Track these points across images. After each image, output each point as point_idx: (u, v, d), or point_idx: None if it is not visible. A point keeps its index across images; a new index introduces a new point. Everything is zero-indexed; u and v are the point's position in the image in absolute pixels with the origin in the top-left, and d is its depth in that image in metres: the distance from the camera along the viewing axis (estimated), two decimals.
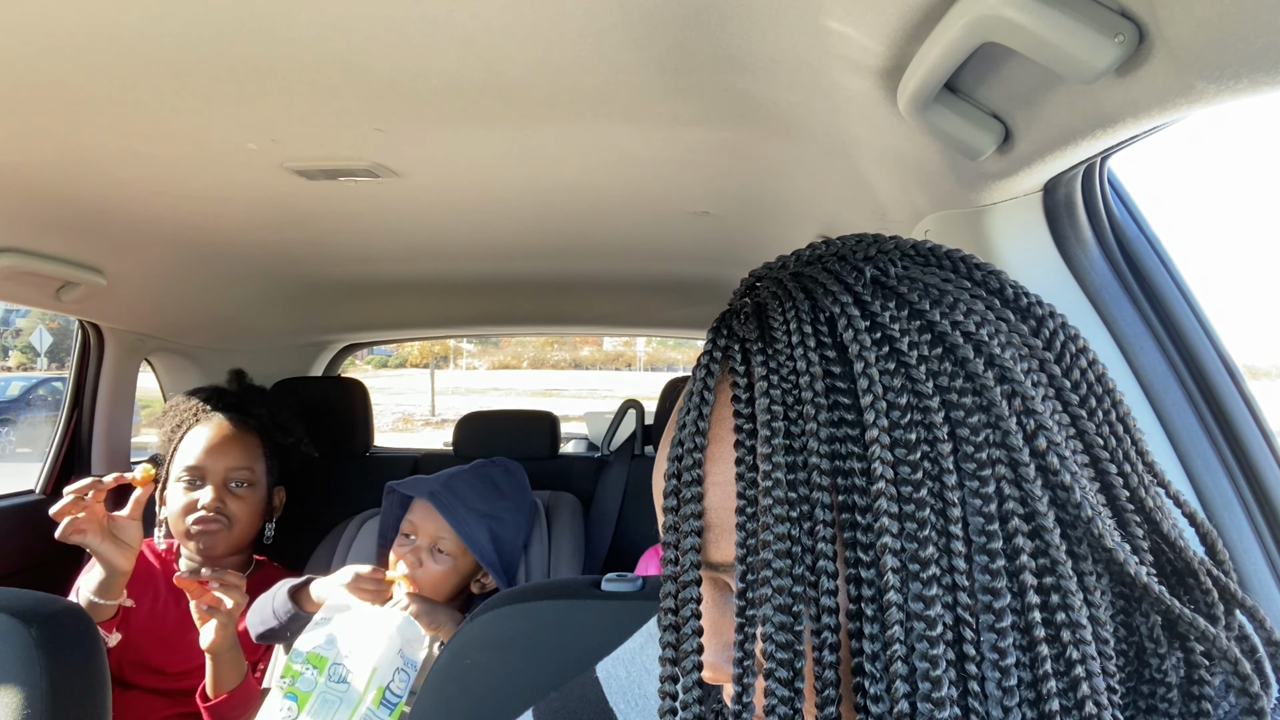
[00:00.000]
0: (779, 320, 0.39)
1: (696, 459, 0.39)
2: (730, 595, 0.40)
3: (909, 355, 0.37)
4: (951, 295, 0.39)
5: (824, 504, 0.36)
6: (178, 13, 0.67)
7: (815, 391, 0.36)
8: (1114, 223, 0.77)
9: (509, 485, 1.53)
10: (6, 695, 0.88)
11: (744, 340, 0.40)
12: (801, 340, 0.38)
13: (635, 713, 0.64)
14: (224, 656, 1.33)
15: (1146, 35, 0.46)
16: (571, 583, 0.91)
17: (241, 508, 1.53)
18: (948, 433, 0.35)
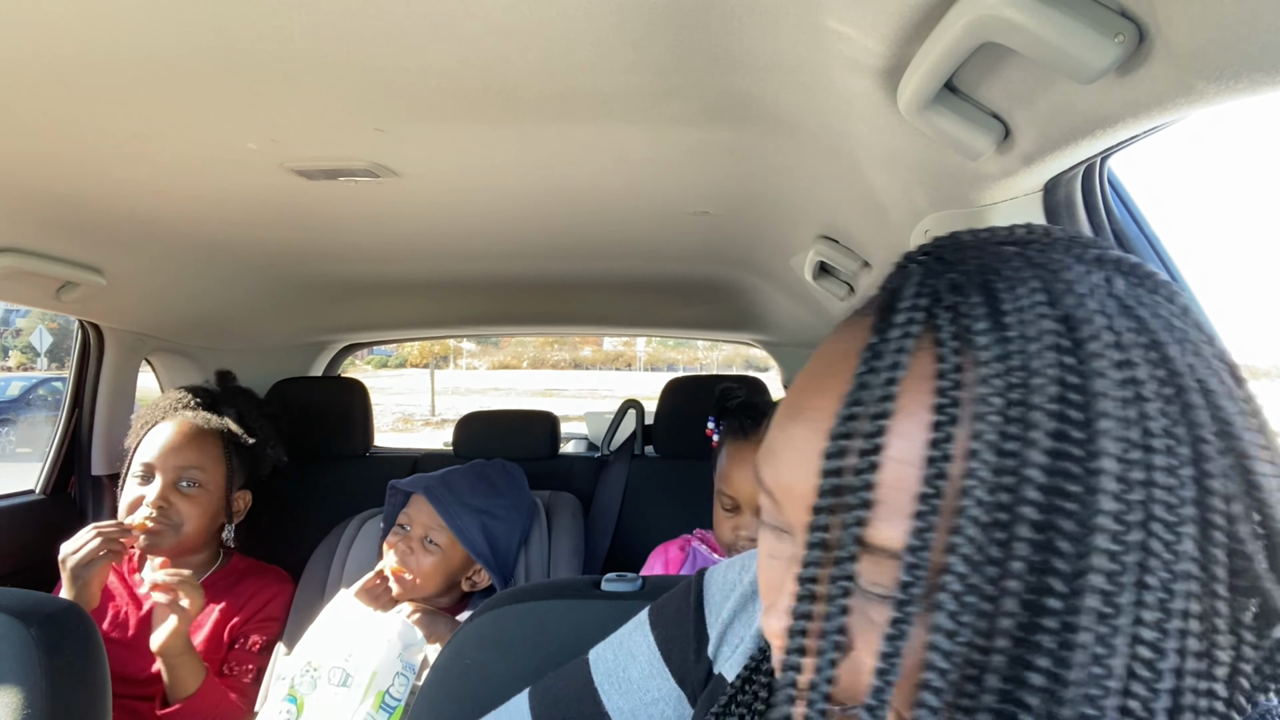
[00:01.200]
0: (1011, 305, 0.35)
1: (881, 426, 0.35)
2: None
3: (1145, 388, 0.34)
4: (1180, 333, 0.36)
5: (1029, 520, 0.33)
6: (178, 13, 0.67)
7: (1047, 396, 0.33)
8: (1114, 223, 0.77)
9: (506, 484, 1.54)
10: (6, 695, 0.88)
11: (959, 313, 0.36)
12: (1039, 336, 0.34)
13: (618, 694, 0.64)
14: (177, 660, 1.32)
15: (1146, 35, 0.46)
16: (571, 583, 0.91)
17: (190, 508, 1.48)
18: (1163, 479, 0.33)
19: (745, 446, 1.37)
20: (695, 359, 36.37)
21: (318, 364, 2.69)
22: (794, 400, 0.41)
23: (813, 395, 0.39)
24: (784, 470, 0.39)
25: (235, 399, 1.69)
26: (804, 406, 0.39)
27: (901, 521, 0.34)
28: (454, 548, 1.40)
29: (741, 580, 0.63)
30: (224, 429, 1.58)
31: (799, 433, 0.39)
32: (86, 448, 1.90)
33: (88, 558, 1.32)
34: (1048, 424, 0.33)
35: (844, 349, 0.39)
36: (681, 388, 2.18)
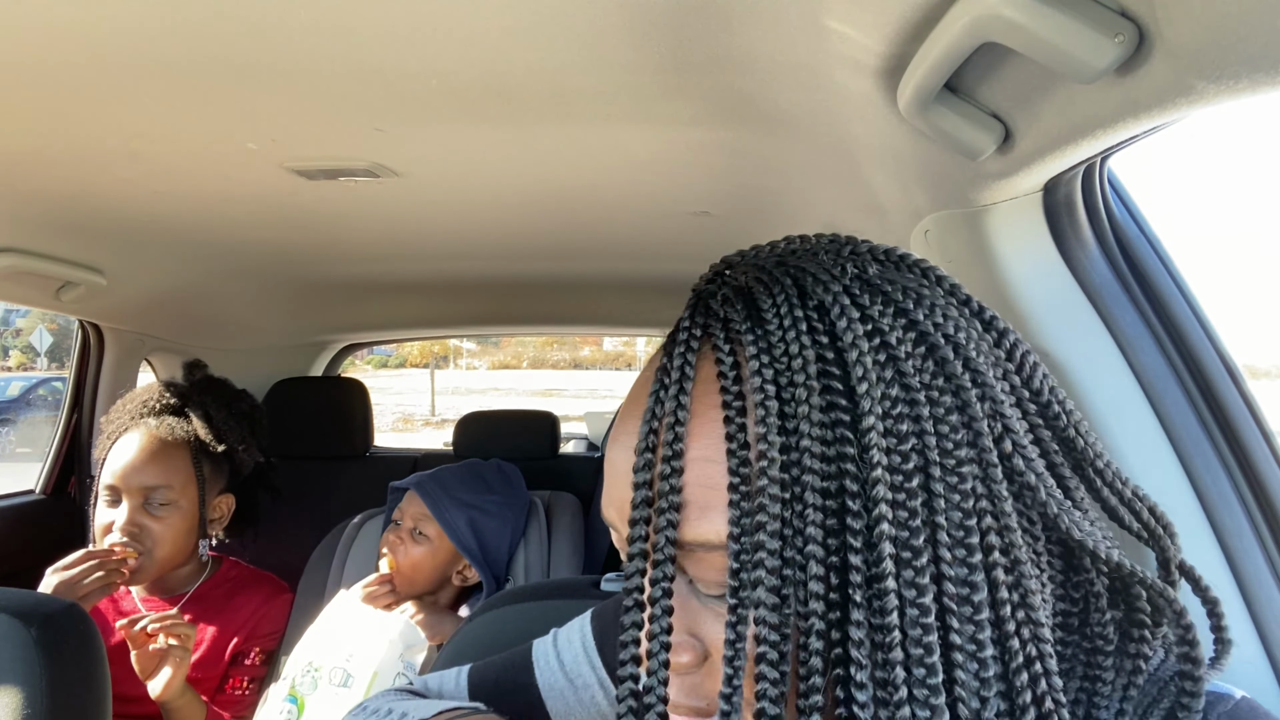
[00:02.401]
0: (768, 303, 0.39)
1: (679, 433, 0.38)
2: (683, 579, 0.40)
3: (898, 350, 0.37)
4: (929, 299, 0.40)
5: (814, 487, 0.36)
6: (178, 12, 0.67)
7: (808, 375, 0.37)
8: (1114, 223, 0.77)
9: (499, 482, 1.55)
10: (6, 695, 0.88)
11: (728, 320, 0.41)
12: (794, 324, 0.38)
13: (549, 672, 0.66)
14: (178, 703, 1.25)
15: (1146, 35, 0.46)
16: (571, 582, 0.91)
17: (162, 529, 1.37)
18: (932, 427, 0.36)
19: None
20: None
21: (318, 364, 2.69)
22: (614, 430, 0.44)
23: (624, 421, 0.43)
24: (612, 495, 0.43)
25: (204, 396, 1.52)
26: (618, 433, 0.43)
27: (718, 516, 0.37)
28: (442, 540, 1.42)
29: (565, 668, 0.65)
30: (190, 438, 1.45)
31: (615, 456, 0.43)
32: (86, 448, 1.90)
33: (87, 589, 1.24)
34: (814, 398, 0.36)
35: (645, 376, 0.44)
36: None
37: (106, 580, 1.27)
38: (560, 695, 0.65)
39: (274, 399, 2.22)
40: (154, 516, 1.37)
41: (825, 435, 0.36)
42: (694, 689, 0.40)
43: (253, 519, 1.64)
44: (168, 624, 1.22)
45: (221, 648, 1.41)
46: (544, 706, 0.65)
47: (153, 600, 1.45)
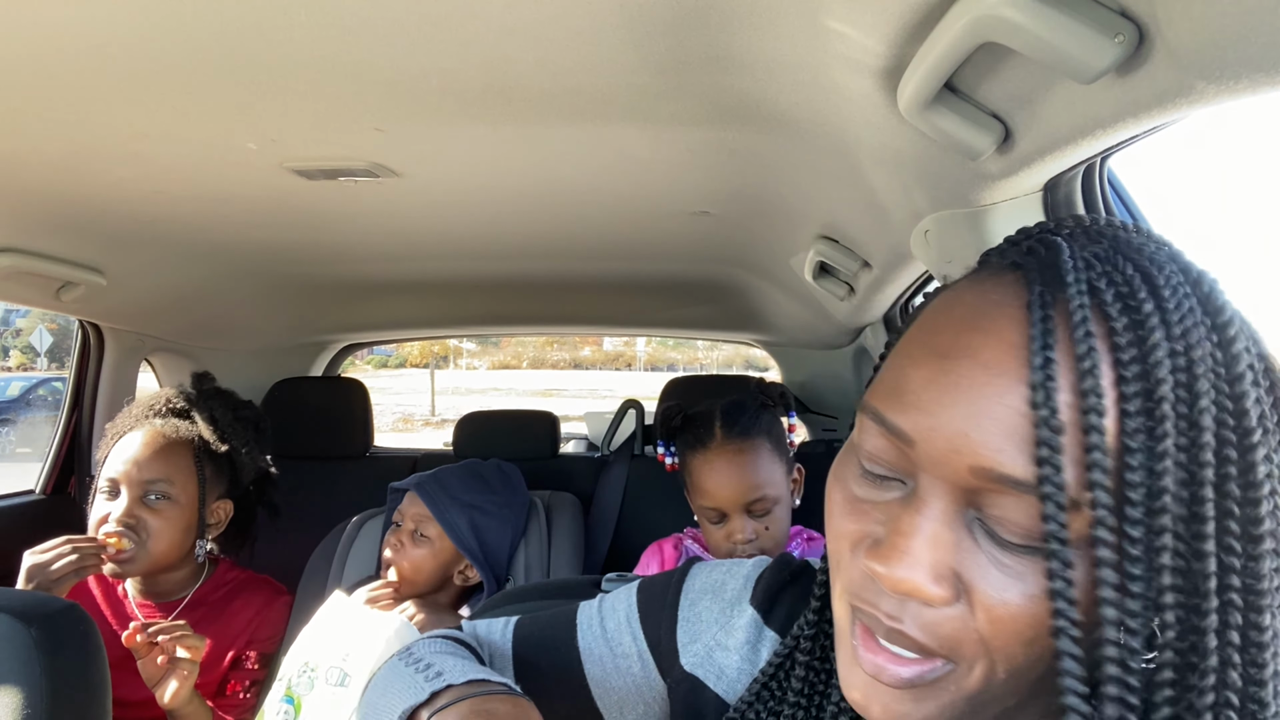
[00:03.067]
0: (1167, 284, 0.38)
1: (1094, 379, 0.37)
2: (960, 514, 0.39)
3: (1260, 376, 0.38)
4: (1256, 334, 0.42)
5: (1211, 480, 0.36)
6: (178, 13, 0.67)
7: (1207, 367, 0.37)
8: None
9: (499, 483, 1.55)
10: (6, 695, 0.88)
11: (1120, 285, 0.39)
12: (1191, 313, 0.38)
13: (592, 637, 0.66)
14: (185, 710, 1.23)
15: (1146, 35, 0.46)
16: (571, 582, 0.91)
17: (159, 523, 1.37)
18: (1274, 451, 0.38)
19: (709, 455, 1.36)
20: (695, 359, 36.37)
21: (318, 364, 2.69)
22: (945, 339, 0.41)
23: (976, 336, 0.40)
24: (938, 404, 0.39)
25: (210, 402, 1.55)
26: (967, 346, 0.40)
27: (1076, 469, 0.36)
28: (443, 540, 1.42)
29: (725, 587, 0.63)
30: (193, 437, 1.46)
31: (967, 371, 0.39)
32: (87, 448, 1.90)
33: (58, 573, 1.25)
34: (1211, 393, 0.36)
35: (996, 300, 0.41)
36: (681, 388, 2.18)
37: (79, 564, 1.27)
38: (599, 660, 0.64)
39: (274, 399, 2.22)
40: (151, 510, 1.38)
41: (1218, 434, 0.36)
42: (928, 626, 0.40)
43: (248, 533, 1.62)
44: (178, 635, 1.21)
45: (221, 653, 1.40)
46: (582, 668, 0.64)
47: (149, 605, 1.44)
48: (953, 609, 0.39)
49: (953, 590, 0.39)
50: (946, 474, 0.39)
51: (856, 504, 0.43)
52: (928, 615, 0.39)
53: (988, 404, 0.38)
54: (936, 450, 0.39)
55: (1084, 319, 0.37)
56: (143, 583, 1.45)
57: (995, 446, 0.37)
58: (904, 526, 0.40)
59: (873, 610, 0.41)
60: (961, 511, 0.39)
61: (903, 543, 0.39)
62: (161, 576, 1.43)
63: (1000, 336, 0.39)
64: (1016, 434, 0.37)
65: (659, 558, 1.50)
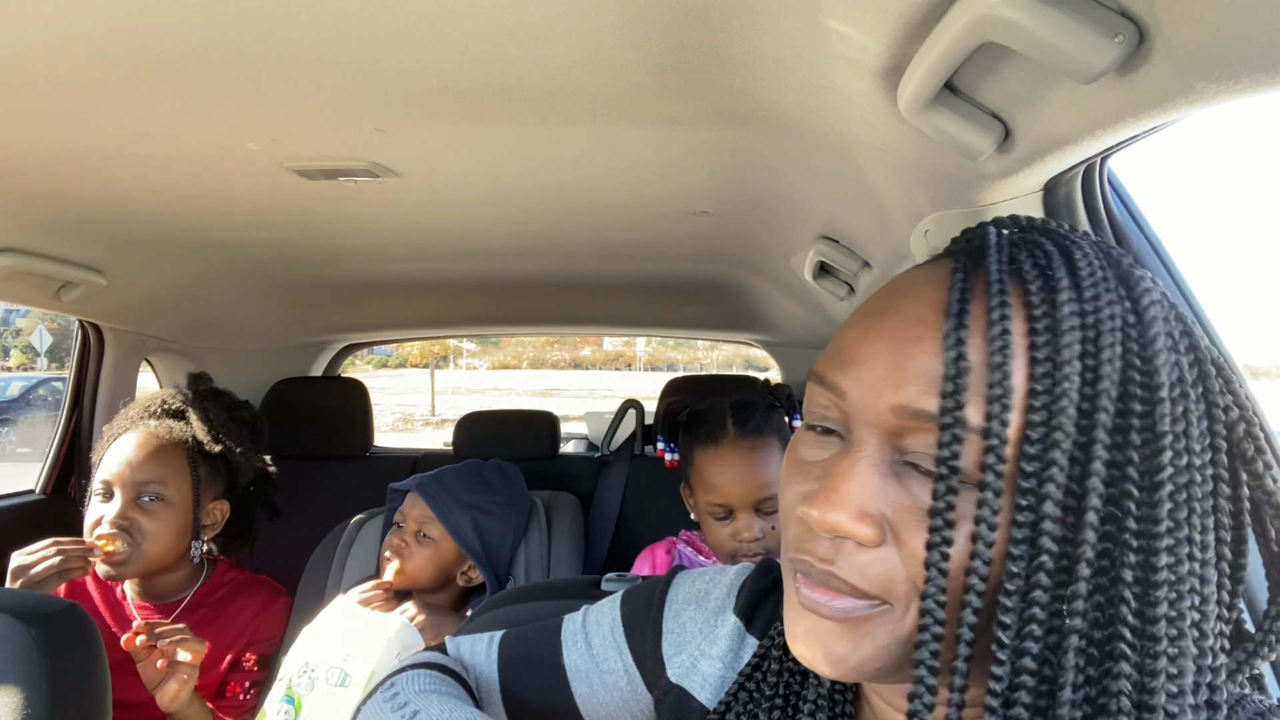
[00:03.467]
0: (1084, 258, 0.42)
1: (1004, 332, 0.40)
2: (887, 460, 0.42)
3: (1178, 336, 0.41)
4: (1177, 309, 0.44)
5: (1105, 425, 0.38)
6: (178, 12, 0.67)
7: (1115, 328, 0.39)
8: (1114, 223, 0.77)
9: (500, 483, 1.55)
10: (6, 695, 0.88)
11: (1039, 259, 0.42)
12: (1105, 281, 0.40)
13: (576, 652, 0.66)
14: (186, 713, 1.24)
15: (1146, 35, 0.46)
16: (571, 582, 0.91)
17: (153, 525, 1.37)
18: (1195, 408, 0.40)
19: (721, 453, 1.35)
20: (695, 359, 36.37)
21: (318, 364, 2.69)
22: (873, 304, 0.46)
23: (898, 299, 0.44)
24: (865, 354, 0.43)
25: (205, 403, 1.55)
26: (890, 307, 0.44)
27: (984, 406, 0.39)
28: (446, 541, 1.42)
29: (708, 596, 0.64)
30: (187, 439, 1.46)
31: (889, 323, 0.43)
32: (86, 448, 1.90)
33: (40, 575, 1.25)
34: (1118, 349, 0.39)
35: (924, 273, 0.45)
36: (681, 388, 2.18)
37: (63, 567, 1.27)
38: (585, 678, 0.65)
39: (274, 399, 2.22)
40: (145, 512, 1.38)
41: (1121, 389, 0.39)
42: (859, 568, 0.41)
43: (247, 534, 1.62)
44: (178, 638, 1.21)
45: (220, 655, 1.40)
46: (569, 687, 0.65)
47: (147, 607, 1.44)
48: (881, 550, 0.41)
49: (879, 530, 0.41)
50: (872, 418, 0.42)
51: (801, 466, 0.46)
52: (859, 557, 0.42)
53: (908, 350, 0.41)
54: (864, 397, 0.42)
55: (999, 279, 0.41)
56: (141, 584, 1.44)
57: (914, 388, 0.40)
58: (835, 472, 0.42)
59: (807, 557, 0.43)
60: (889, 459, 0.42)
61: (832, 485, 0.42)
62: (159, 578, 1.43)
63: (923, 297, 0.43)
64: (931, 376, 0.40)
65: (650, 562, 1.49)
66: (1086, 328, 0.39)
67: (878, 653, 0.42)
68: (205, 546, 1.47)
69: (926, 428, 0.40)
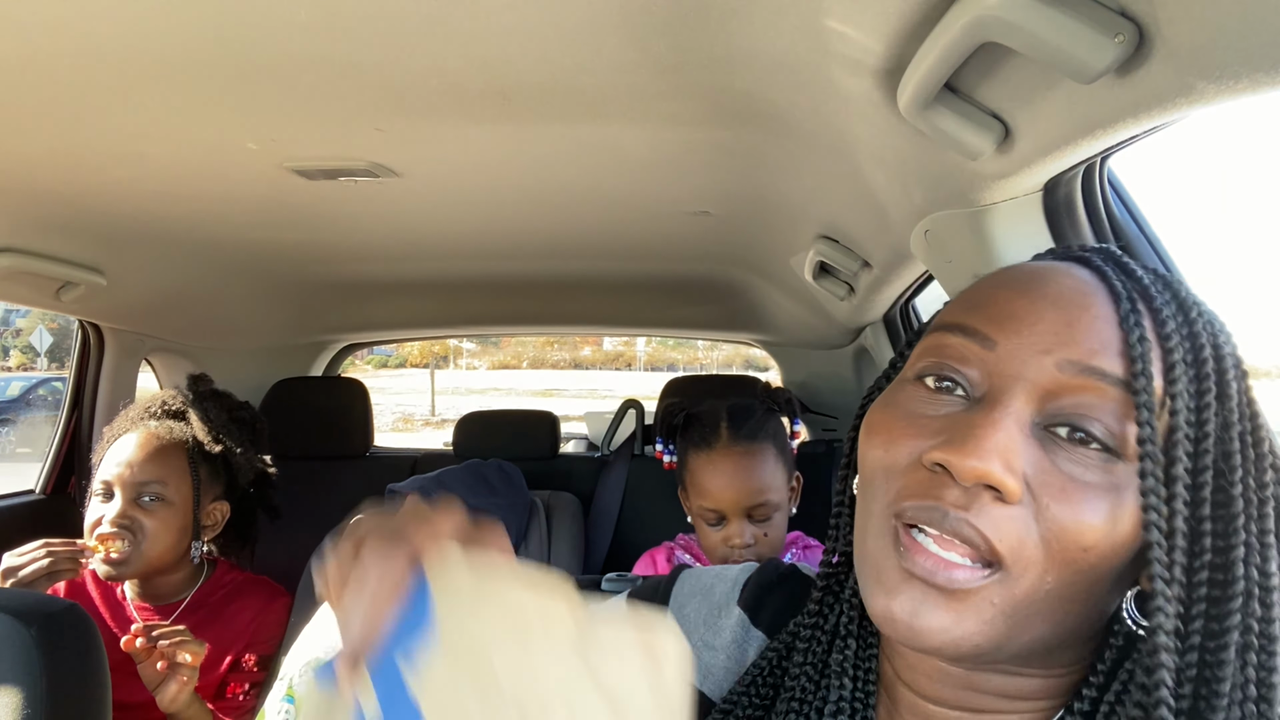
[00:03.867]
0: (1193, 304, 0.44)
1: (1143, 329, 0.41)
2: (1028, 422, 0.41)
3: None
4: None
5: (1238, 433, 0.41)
6: (178, 13, 0.67)
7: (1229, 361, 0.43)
8: (1114, 223, 0.77)
9: (502, 484, 1.54)
10: (6, 695, 0.88)
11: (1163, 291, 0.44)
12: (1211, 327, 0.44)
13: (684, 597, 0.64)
14: (186, 714, 1.23)
15: (1146, 35, 0.46)
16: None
17: (153, 524, 1.37)
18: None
19: (713, 457, 1.35)
20: (695, 359, 36.35)
21: (318, 364, 2.69)
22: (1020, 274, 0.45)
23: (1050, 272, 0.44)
24: (1024, 308, 0.42)
25: (205, 404, 1.55)
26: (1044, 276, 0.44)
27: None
28: None
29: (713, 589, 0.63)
30: (187, 439, 1.46)
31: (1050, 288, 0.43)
32: (86, 448, 1.90)
33: (31, 576, 1.25)
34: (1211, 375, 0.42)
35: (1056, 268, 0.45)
36: (681, 388, 2.18)
37: (52, 569, 1.27)
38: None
39: (274, 399, 2.22)
40: (145, 512, 1.38)
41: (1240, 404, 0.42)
42: (990, 522, 0.40)
43: (248, 534, 1.62)
44: (177, 640, 1.20)
45: (220, 655, 1.40)
46: None
47: (147, 607, 1.44)
48: (1019, 509, 0.39)
49: (1023, 486, 0.39)
50: (1029, 372, 0.41)
51: (911, 419, 0.43)
52: (995, 512, 0.39)
53: (1078, 312, 0.41)
54: (1022, 350, 0.41)
55: (1146, 286, 0.43)
56: (141, 585, 1.44)
57: (1089, 347, 0.40)
58: (979, 421, 0.40)
59: (936, 503, 0.40)
60: (1031, 421, 0.41)
61: (979, 433, 0.39)
62: (159, 579, 1.43)
63: (1072, 278, 0.43)
64: (1104, 340, 0.40)
65: (652, 568, 1.49)
66: (1204, 347, 0.42)
67: (980, 628, 0.40)
68: (205, 547, 1.47)
69: (1092, 388, 0.40)
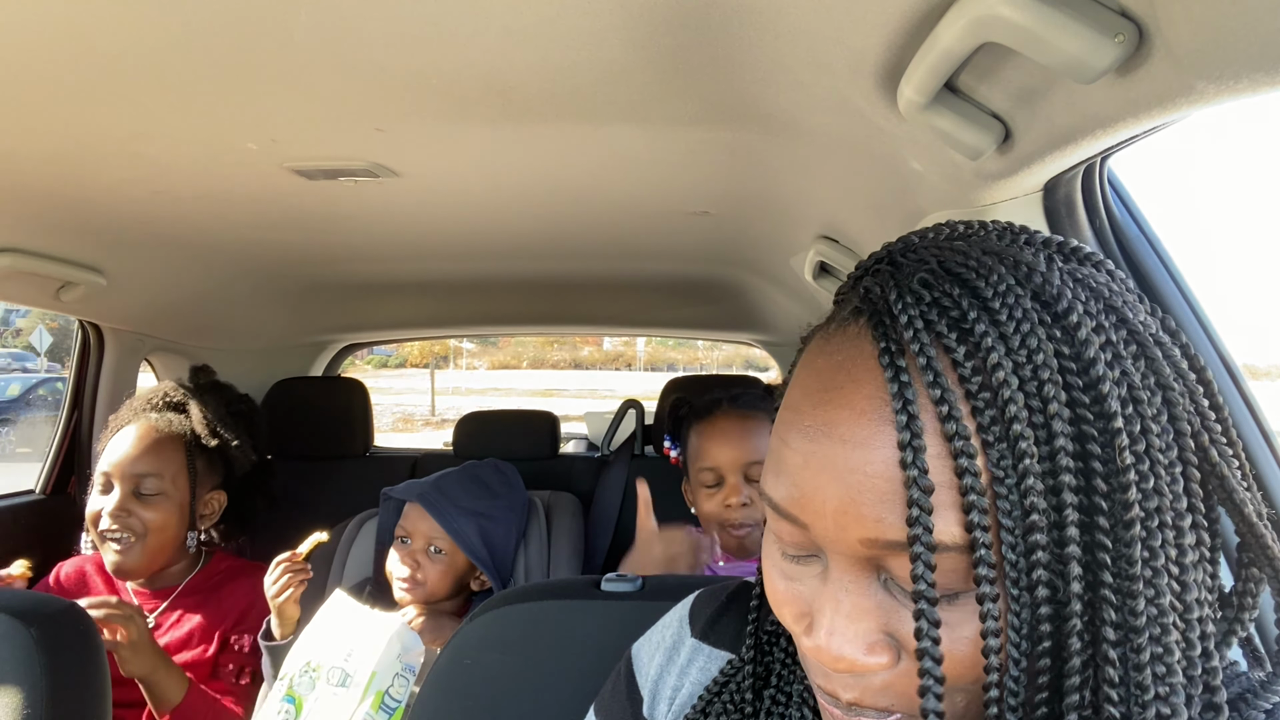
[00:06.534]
0: (992, 291, 0.38)
1: (916, 429, 0.37)
2: (873, 578, 0.40)
3: (1120, 349, 0.38)
4: (1121, 294, 0.40)
5: (1070, 486, 0.36)
6: (178, 13, 0.67)
7: (1052, 370, 0.37)
8: (1114, 223, 0.77)
9: (500, 485, 1.55)
10: (6, 695, 0.88)
11: (950, 310, 0.39)
12: (1025, 315, 0.37)
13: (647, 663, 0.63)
14: (152, 678, 1.28)
15: (1146, 35, 0.46)
16: (571, 583, 0.91)
17: (152, 515, 1.41)
18: (1153, 425, 0.37)
19: (714, 421, 1.41)
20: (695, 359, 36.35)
21: (318, 364, 2.69)
22: (807, 419, 0.41)
23: (832, 410, 0.40)
24: (814, 487, 0.40)
25: (204, 397, 1.59)
26: (826, 423, 0.40)
27: (950, 514, 0.37)
28: (458, 551, 1.42)
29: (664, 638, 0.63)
30: (185, 431, 1.50)
31: (830, 450, 0.39)
32: (86, 448, 1.90)
33: None
34: (1061, 395, 0.36)
35: (844, 359, 0.41)
36: (681, 388, 2.18)
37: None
38: None
39: (274, 399, 2.22)
40: (143, 503, 1.42)
41: (1075, 433, 0.36)
42: (883, 689, 0.40)
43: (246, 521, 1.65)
44: (103, 613, 1.23)
45: (210, 635, 1.44)
46: None
47: (144, 593, 1.47)
48: (900, 666, 0.40)
49: (891, 652, 0.39)
50: (844, 549, 0.39)
51: (787, 583, 0.44)
52: (879, 680, 0.40)
53: (856, 479, 0.38)
54: (827, 529, 0.39)
55: (929, 363, 0.37)
56: None
57: (875, 516, 0.38)
58: (825, 604, 0.40)
59: (832, 692, 0.42)
60: (872, 577, 0.40)
61: (829, 621, 0.40)
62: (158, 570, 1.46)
63: (852, 406, 0.39)
64: (890, 498, 0.37)
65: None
66: (1025, 381, 0.37)
67: None
68: (202, 535, 1.52)
69: (902, 554, 0.37)
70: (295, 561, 1.37)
